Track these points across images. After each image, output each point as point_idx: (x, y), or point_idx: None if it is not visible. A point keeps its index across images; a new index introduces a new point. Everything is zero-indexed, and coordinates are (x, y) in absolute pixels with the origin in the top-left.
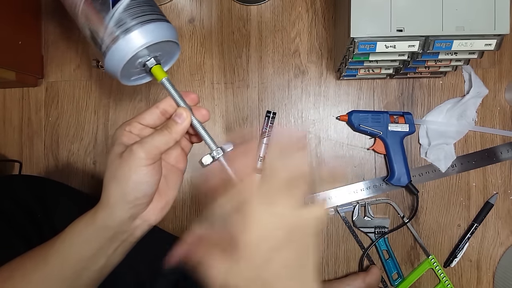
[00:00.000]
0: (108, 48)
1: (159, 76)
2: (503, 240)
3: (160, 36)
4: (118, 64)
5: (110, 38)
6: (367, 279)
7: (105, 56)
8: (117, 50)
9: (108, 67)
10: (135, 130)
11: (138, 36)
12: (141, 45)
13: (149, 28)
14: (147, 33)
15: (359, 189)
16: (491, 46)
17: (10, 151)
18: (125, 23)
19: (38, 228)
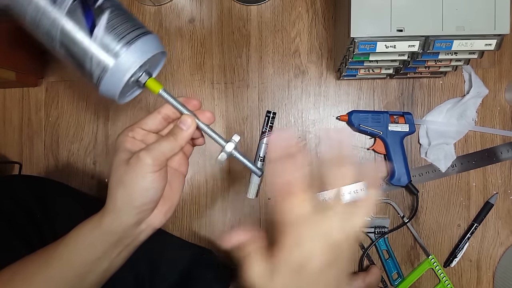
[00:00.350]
0: (100, 78)
1: (155, 89)
2: (503, 240)
3: (149, 51)
4: (115, 91)
5: (99, 68)
6: (367, 279)
7: (99, 86)
8: (111, 78)
9: (105, 94)
10: (138, 135)
11: (128, 58)
12: (133, 67)
13: (137, 46)
14: (136, 53)
15: (359, 189)
16: (491, 46)
17: (10, 151)
18: (110, 48)
19: (38, 229)
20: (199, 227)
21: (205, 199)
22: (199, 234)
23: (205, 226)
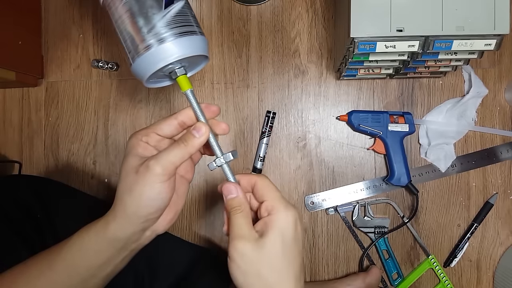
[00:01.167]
0: (140, 54)
1: (184, 87)
2: (503, 240)
3: (194, 50)
4: (147, 72)
5: (143, 44)
6: (367, 279)
7: (139, 58)
8: (149, 58)
9: (136, 71)
10: (152, 141)
11: (173, 47)
12: (173, 57)
13: (185, 41)
14: (181, 46)
15: (359, 189)
16: (491, 46)
17: (10, 151)
18: (162, 32)
19: (38, 229)
20: (199, 227)
21: (205, 200)
22: (199, 234)
23: (205, 226)
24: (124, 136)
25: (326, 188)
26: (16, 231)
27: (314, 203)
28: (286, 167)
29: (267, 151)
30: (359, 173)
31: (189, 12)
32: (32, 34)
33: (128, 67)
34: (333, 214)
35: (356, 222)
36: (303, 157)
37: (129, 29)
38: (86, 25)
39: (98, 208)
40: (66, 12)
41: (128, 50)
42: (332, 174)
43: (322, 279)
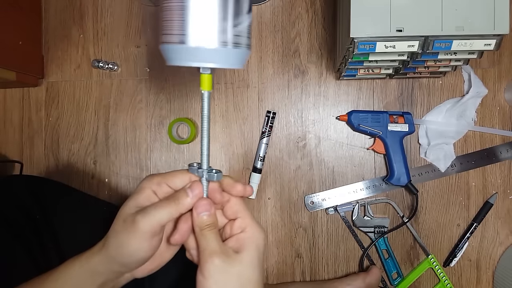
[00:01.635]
0: (185, 41)
1: (205, 86)
2: (502, 239)
3: (238, 63)
4: (182, 60)
5: (195, 35)
6: (368, 279)
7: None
8: (193, 51)
9: (166, 51)
10: (161, 193)
11: (224, 55)
12: (213, 63)
13: (238, 52)
14: (233, 56)
15: (359, 188)
16: (490, 46)
17: (10, 151)
18: (229, 36)
19: (36, 230)
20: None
21: None
22: None
23: None
24: (124, 136)
25: (326, 188)
26: (14, 232)
27: (314, 203)
28: (286, 167)
29: (267, 151)
30: (359, 173)
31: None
32: (32, 34)
33: (128, 62)
34: (333, 214)
35: (356, 222)
36: (303, 157)
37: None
38: (87, 25)
39: (98, 209)
40: (67, 12)
41: (188, 30)
42: (332, 174)
43: (322, 278)
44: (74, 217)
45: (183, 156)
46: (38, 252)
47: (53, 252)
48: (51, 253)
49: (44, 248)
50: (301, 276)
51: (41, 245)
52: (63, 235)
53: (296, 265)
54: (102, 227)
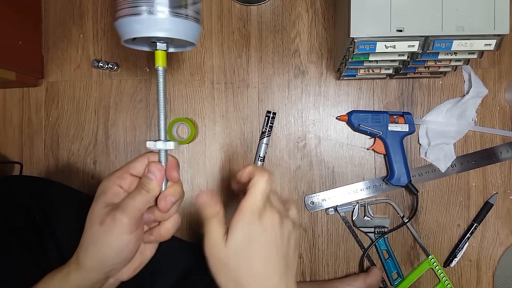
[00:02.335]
0: (131, 14)
1: (158, 61)
2: (502, 240)
3: (185, 34)
4: (131, 33)
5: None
6: (368, 279)
7: (121, 17)
8: (137, 22)
9: (119, 27)
10: (126, 183)
11: (167, 23)
12: (161, 33)
13: (184, 23)
14: (176, 25)
15: (359, 189)
16: (490, 46)
17: (10, 151)
18: (192, 9)
19: (36, 230)
20: (199, 227)
21: None
22: (199, 234)
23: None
24: (124, 136)
25: (326, 188)
26: (14, 232)
27: (314, 203)
28: (286, 167)
29: (267, 151)
30: (359, 173)
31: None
32: (32, 34)
33: (128, 62)
34: (333, 214)
35: (356, 222)
36: (303, 157)
37: None
38: (86, 25)
39: None
40: (66, 12)
41: (136, 3)
42: (332, 174)
43: (322, 279)
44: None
45: (183, 156)
46: (38, 252)
47: (53, 251)
48: (51, 253)
49: (44, 248)
50: (301, 276)
51: (41, 245)
52: (62, 235)
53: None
54: None
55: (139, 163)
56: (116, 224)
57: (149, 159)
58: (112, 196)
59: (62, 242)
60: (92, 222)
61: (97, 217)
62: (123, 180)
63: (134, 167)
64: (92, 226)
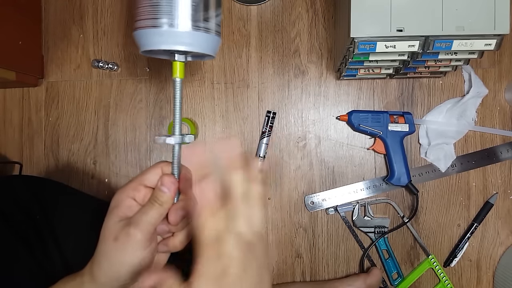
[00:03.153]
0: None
1: (176, 72)
2: (503, 239)
3: (207, 48)
4: (150, 45)
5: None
6: (368, 280)
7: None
8: (160, 34)
9: (138, 37)
10: (140, 196)
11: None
12: (185, 47)
13: (204, 36)
14: (197, 39)
15: (359, 189)
16: (491, 46)
17: (10, 151)
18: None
19: (37, 230)
20: None
21: None
22: None
23: None
24: (124, 136)
25: (326, 188)
26: (15, 232)
27: (314, 203)
28: (286, 167)
29: (267, 151)
30: (359, 173)
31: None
32: (32, 34)
33: (128, 62)
34: (333, 214)
35: (356, 222)
36: (303, 157)
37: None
38: (86, 25)
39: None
40: (66, 12)
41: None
42: (332, 174)
43: (322, 279)
44: (74, 217)
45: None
46: (39, 251)
47: (54, 251)
48: (52, 252)
49: (45, 247)
50: (301, 276)
51: (41, 245)
52: (63, 235)
53: (296, 265)
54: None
55: (153, 174)
56: (130, 240)
57: (162, 170)
58: (125, 209)
59: (62, 242)
60: (106, 237)
61: (111, 233)
62: (136, 192)
63: (148, 179)
64: (106, 241)
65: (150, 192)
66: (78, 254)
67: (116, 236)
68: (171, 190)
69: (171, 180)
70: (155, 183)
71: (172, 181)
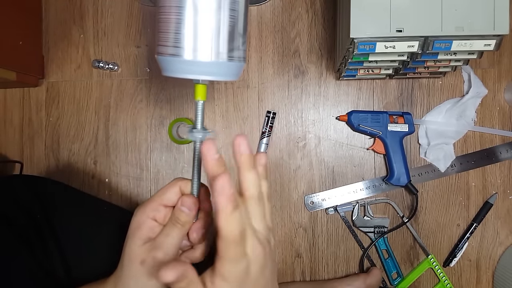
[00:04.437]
0: (182, 54)
1: (198, 95)
2: (502, 239)
3: (232, 75)
4: (178, 73)
5: (190, 47)
6: (368, 280)
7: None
8: (189, 63)
9: (163, 63)
10: (161, 216)
11: (236, 68)
12: (211, 76)
13: (232, 65)
14: (227, 68)
15: (359, 188)
16: (490, 47)
17: (10, 151)
18: (242, 51)
19: (38, 229)
20: None
21: None
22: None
23: None
24: (124, 136)
25: (326, 188)
26: (15, 231)
27: (314, 203)
28: (286, 167)
29: (267, 151)
30: (359, 173)
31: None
32: (32, 34)
33: (128, 63)
34: (333, 214)
35: (355, 222)
36: (303, 157)
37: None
38: (87, 25)
39: (98, 208)
40: (67, 12)
41: (181, 43)
42: (332, 174)
43: (322, 278)
44: (74, 216)
45: (183, 156)
46: (39, 251)
47: (54, 250)
48: (52, 252)
49: (45, 247)
50: (301, 276)
51: (42, 244)
52: (63, 234)
53: (296, 265)
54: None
55: (172, 193)
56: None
57: (181, 189)
58: (147, 231)
59: (63, 241)
60: (132, 260)
61: (137, 256)
62: (157, 213)
63: (167, 198)
64: (132, 264)
65: (169, 211)
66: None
67: (143, 260)
68: (192, 210)
69: (191, 200)
70: (174, 201)
71: (192, 201)
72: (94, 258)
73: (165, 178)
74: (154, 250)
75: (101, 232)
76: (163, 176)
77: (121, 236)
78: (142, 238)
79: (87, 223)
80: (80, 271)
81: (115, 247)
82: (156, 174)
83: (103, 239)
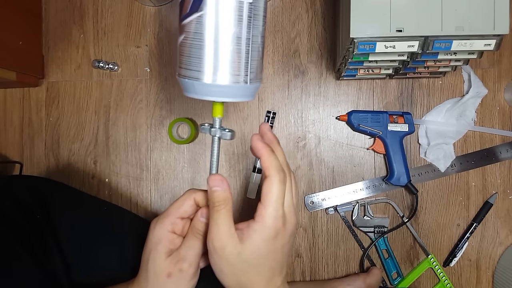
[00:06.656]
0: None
1: (217, 112)
2: (502, 239)
3: (248, 97)
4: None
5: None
6: (368, 280)
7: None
8: (209, 86)
9: (186, 86)
10: (179, 229)
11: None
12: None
13: (251, 87)
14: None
15: (359, 188)
16: (490, 46)
17: (10, 151)
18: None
19: (38, 230)
20: None
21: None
22: None
23: None
24: (124, 136)
25: (326, 188)
26: (15, 231)
27: (314, 202)
28: None
29: None
30: (359, 173)
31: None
32: (32, 34)
33: (128, 63)
34: (333, 214)
35: (355, 221)
36: (303, 157)
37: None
38: (87, 25)
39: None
40: (67, 12)
41: (201, 68)
42: (332, 174)
43: (322, 278)
44: (74, 216)
45: (183, 156)
46: (39, 251)
47: (54, 250)
48: (53, 252)
49: (45, 247)
50: (301, 276)
51: (42, 244)
52: (63, 234)
53: (296, 265)
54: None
55: (187, 206)
56: (184, 276)
57: (195, 200)
58: (168, 244)
59: (63, 241)
60: (158, 273)
61: (163, 269)
62: (175, 226)
63: (184, 211)
64: (158, 277)
65: (187, 222)
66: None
67: (169, 272)
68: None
69: (206, 210)
70: (190, 213)
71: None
72: (94, 258)
73: (165, 178)
74: (179, 263)
75: (101, 232)
76: (163, 176)
77: (121, 235)
78: (165, 252)
79: (87, 223)
80: (80, 271)
81: (115, 247)
82: (156, 174)
83: (103, 239)
